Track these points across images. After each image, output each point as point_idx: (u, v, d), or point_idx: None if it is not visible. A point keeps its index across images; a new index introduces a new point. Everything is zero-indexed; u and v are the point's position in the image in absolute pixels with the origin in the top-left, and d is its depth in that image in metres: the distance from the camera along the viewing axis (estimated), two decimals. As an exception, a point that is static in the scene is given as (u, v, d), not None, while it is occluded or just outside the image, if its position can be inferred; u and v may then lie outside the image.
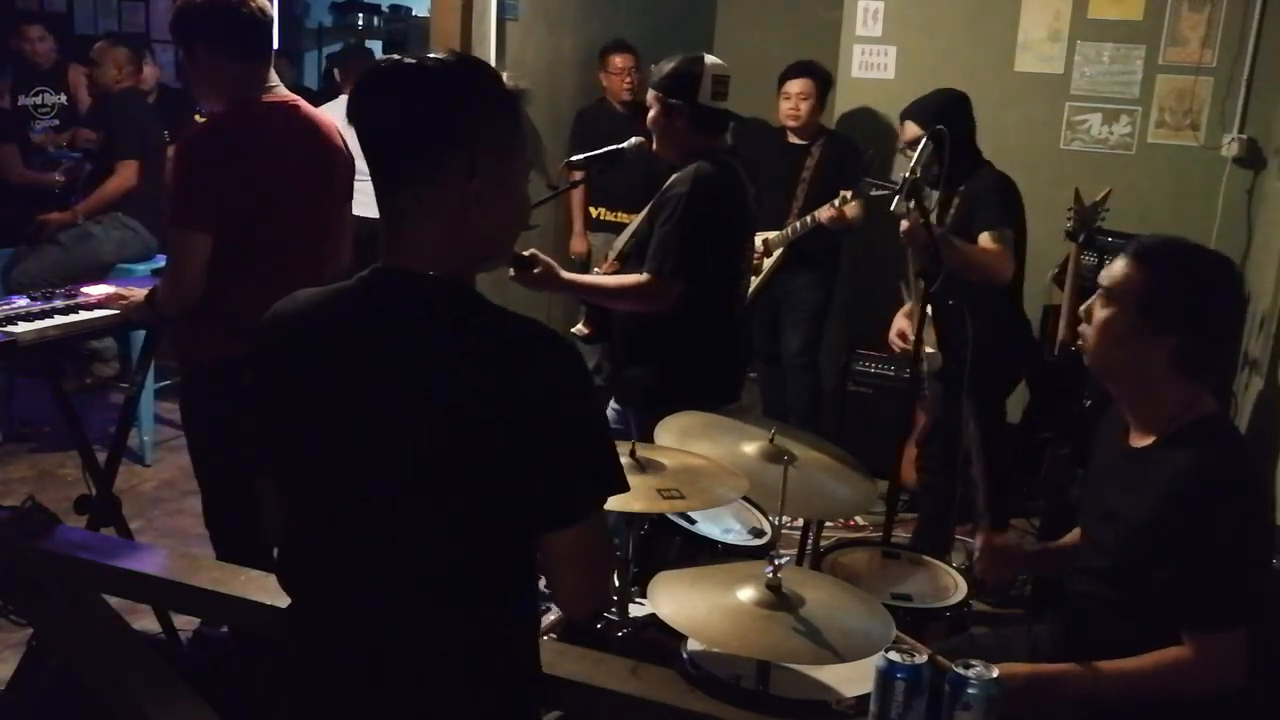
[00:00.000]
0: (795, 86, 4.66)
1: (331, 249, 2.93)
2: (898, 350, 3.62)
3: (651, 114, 3.03)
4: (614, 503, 1.59)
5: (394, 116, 1.48)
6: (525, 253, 2.88)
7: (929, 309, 3.13)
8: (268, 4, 2.79)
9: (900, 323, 3.61)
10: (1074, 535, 2.33)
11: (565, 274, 2.96)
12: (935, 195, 3.50)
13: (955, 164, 3.59)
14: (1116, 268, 1.98)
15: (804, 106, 4.66)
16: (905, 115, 3.70)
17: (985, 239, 3.52)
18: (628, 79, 5.42)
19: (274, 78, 2.82)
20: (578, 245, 5.50)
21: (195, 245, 2.67)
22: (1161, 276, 1.93)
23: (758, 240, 4.48)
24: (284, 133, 2.78)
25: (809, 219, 4.48)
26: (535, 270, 2.87)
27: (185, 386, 2.95)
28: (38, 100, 5.76)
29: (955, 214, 3.62)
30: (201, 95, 3.11)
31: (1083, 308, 2.04)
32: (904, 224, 3.38)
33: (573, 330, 3.18)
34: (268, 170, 2.71)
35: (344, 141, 2.93)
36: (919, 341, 3.47)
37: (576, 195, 5.38)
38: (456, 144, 1.47)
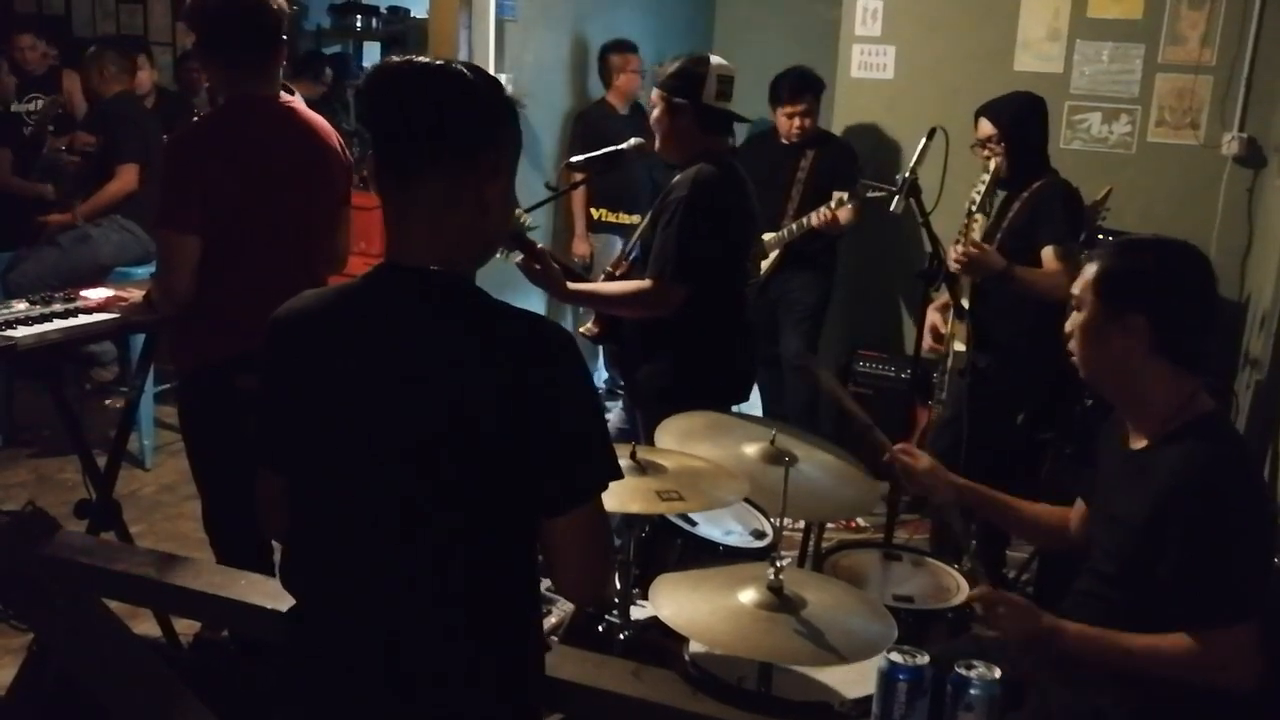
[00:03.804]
0: (793, 108, 4.66)
1: (329, 251, 2.92)
2: (928, 346, 3.60)
3: (655, 114, 3.02)
4: (613, 504, 1.60)
5: (430, 114, 1.49)
6: (539, 245, 2.88)
7: (962, 304, 3.14)
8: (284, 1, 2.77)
9: (933, 317, 3.59)
10: (1040, 508, 2.39)
11: (570, 285, 2.96)
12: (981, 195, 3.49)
13: (1023, 167, 3.58)
14: (1081, 277, 2.04)
15: (806, 122, 4.66)
16: (980, 112, 3.66)
17: (1049, 255, 3.45)
18: (639, 78, 5.44)
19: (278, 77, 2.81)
20: (580, 247, 5.50)
21: (181, 247, 2.66)
22: (1113, 260, 2.01)
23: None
24: (275, 133, 2.76)
25: (804, 221, 4.48)
26: (537, 266, 2.87)
27: (182, 390, 2.94)
28: (31, 106, 5.74)
29: (1014, 217, 3.58)
30: (212, 87, 3.09)
31: (1066, 328, 2.06)
32: (959, 250, 3.36)
33: (581, 330, 3.19)
34: (255, 170, 2.69)
35: (341, 145, 2.92)
36: (920, 339, 3.47)
37: (578, 197, 5.38)
38: (489, 144, 1.52)
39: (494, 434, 1.45)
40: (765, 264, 4.65)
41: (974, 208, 3.46)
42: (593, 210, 5.48)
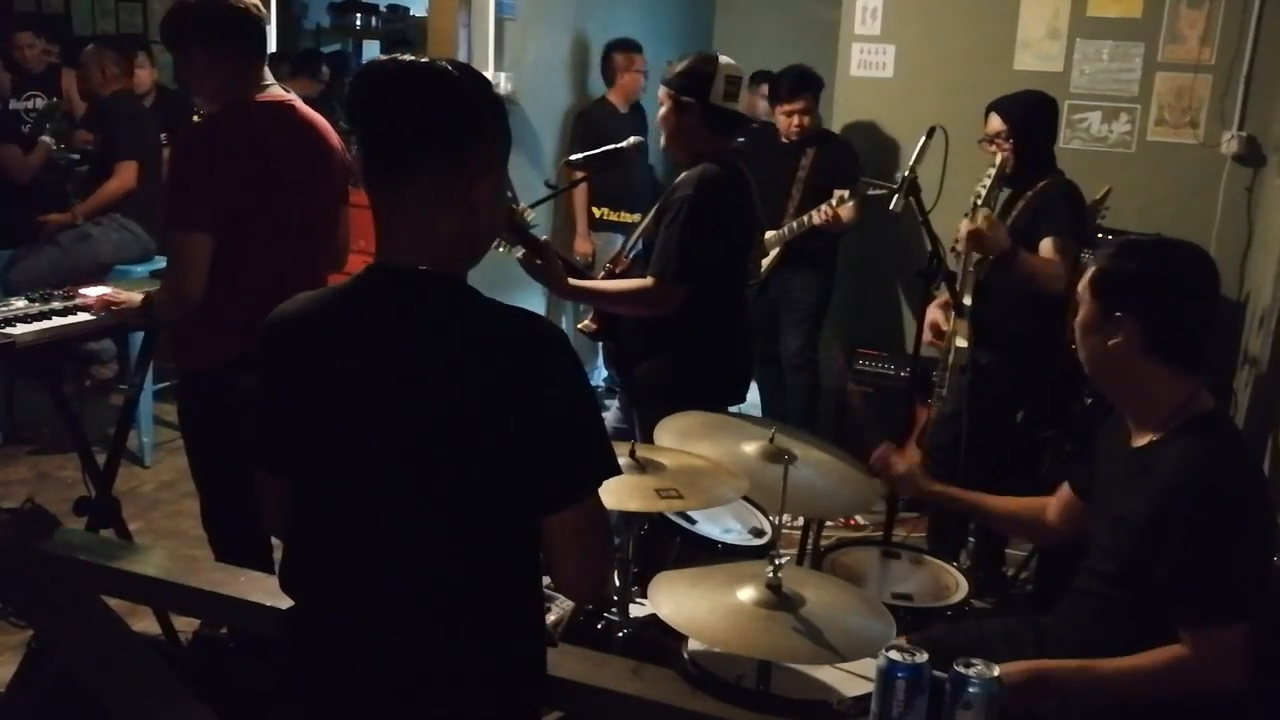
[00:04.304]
0: (792, 106, 4.67)
1: (330, 250, 2.92)
2: (928, 342, 3.59)
3: (662, 112, 3.03)
4: (612, 502, 1.60)
5: (416, 113, 1.48)
6: (542, 238, 2.87)
7: (964, 302, 3.13)
8: (259, 2, 2.78)
9: (934, 314, 3.59)
10: (1015, 502, 2.43)
11: (571, 281, 2.95)
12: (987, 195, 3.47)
13: (1030, 165, 3.57)
14: (1084, 275, 2.05)
15: (805, 120, 4.67)
16: (992, 107, 3.65)
17: (1047, 246, 3.44)
18: (642, 77, 5.44)
19: (269, 77, 2.80)
20: (582, 246, 5.49)
21: (195, 246, 2.65)
22: (1110, 261, 2.01)
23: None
24: (277, 132, 2.75)
25: (804, 220, 4.48)
26: (539, 261, 2.87)
27: (183, 389, 2.94)
28: (29, 105, 5.75)
29: (1018, 215, 3.57)
30: (198, 97, 3.10)
31: (1074, 325, 2.07)
32: (965, 226, 3.36)
33: (579, 326, 3.18)
34: (259, 169, 2.69)
35: (343, 143, 2.91)
36: (919, 337, 3.46)
37: (580, 196, 5.38)
38: (476, 143, 1.51)
39: (492, 433, 1.45)
40: (766, 262, 4.65)
41: (979, 201, 3.46)
42: (594, 209, 5.48)
